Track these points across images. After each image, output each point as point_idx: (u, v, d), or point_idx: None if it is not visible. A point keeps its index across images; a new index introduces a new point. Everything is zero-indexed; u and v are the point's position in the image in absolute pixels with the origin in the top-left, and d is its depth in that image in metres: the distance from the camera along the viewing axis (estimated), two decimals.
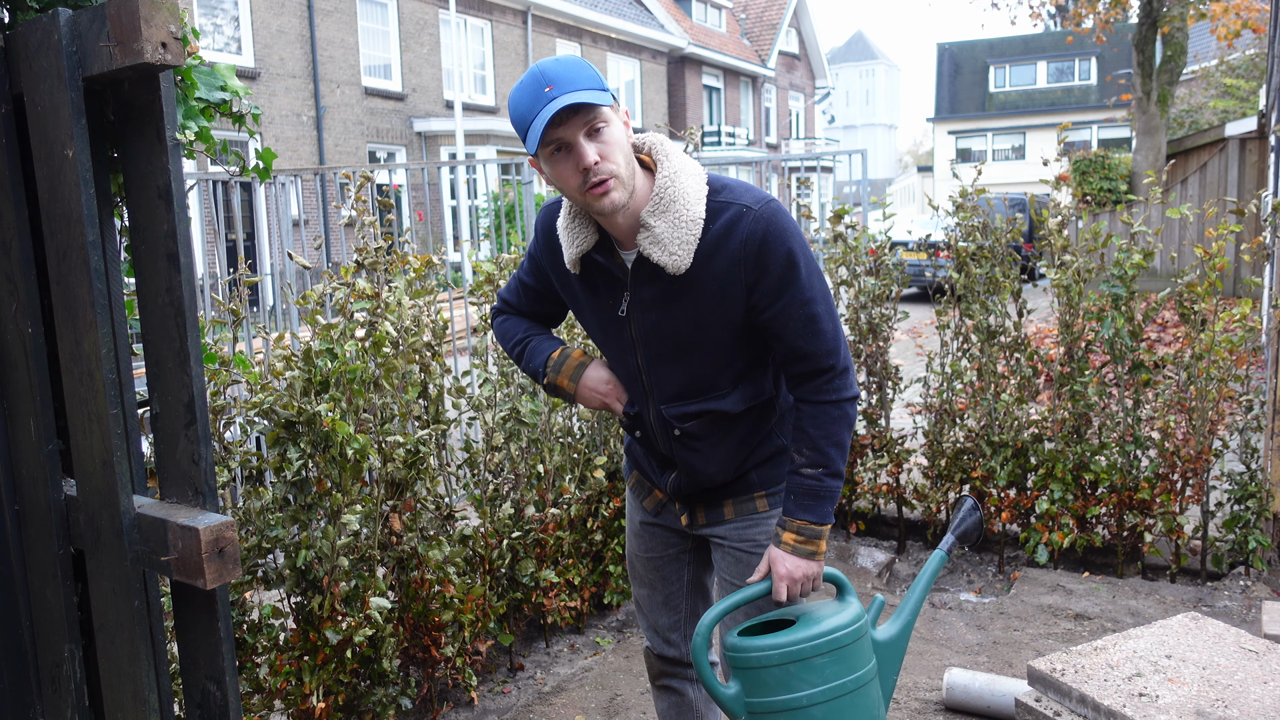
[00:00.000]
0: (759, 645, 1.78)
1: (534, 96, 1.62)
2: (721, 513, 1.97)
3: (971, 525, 2.08)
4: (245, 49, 15.63)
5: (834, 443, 1.80)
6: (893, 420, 4.73)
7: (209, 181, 5.28)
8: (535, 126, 1.62)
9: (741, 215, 1.70)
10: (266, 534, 2.49)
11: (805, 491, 1.81)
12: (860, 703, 1.79)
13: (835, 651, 1.77)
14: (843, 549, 4.41)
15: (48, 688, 1.70)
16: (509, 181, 6.64)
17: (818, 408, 1.80)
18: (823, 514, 1.82)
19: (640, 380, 1.88)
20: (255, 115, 2.36)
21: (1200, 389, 3.79)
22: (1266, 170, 10.65)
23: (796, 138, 35.05)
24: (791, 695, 1.76)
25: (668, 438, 1.90)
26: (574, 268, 1.83)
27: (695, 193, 1.72)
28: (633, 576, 2.18)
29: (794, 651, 1.76)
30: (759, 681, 1.78)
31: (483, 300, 3.42)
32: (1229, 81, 19.39)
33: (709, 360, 1.82)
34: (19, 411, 1.62)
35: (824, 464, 1.80)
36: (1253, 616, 3.52)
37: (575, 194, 1.69)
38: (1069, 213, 4.22)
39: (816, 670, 1.75)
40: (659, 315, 1.79)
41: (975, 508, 2.08)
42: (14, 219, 1.56)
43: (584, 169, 1.65)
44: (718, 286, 1.73)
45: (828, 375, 1.79)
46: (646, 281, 1.77)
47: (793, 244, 1.71)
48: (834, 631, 1.77)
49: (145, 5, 1.33)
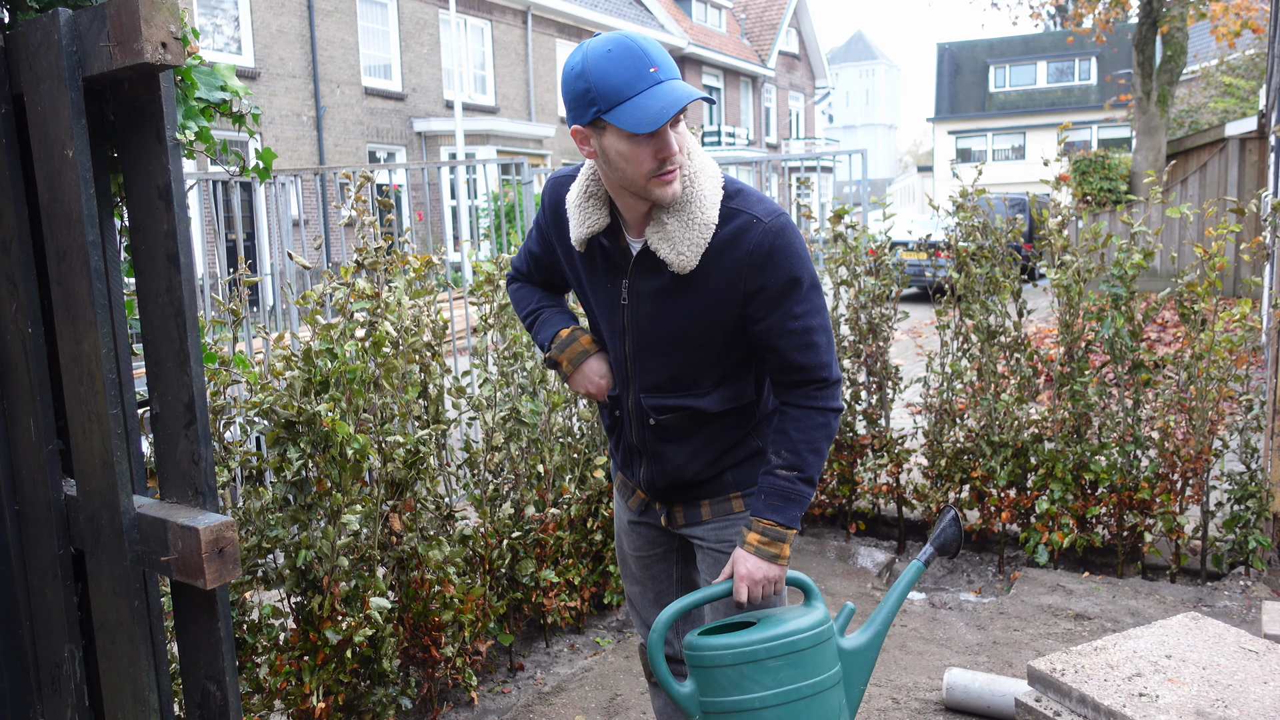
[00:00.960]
0: (713, 644, 1.79)
1: (636, 73, 1.59)
2: (699, 513, 1.98)
3: (950, 537, 2.08)
4: (245, 49, 15.63)
5: (812, 449, 1.81)
6: (893, 420, 4.73)
7: (209, 181, 5.28)
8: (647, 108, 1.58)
9: (751, 225, 1.71)
10: (266, 534, 2.49)
11: (776, 492, 1.81)
12: (816, 709, 1.78)
13: (791, 655, 1.76)
14: (843, 549, 4.41)
15: (48, 688, 1.70)
16: (509, 181, 6.64)
17: (803, 411, 1.81)
18: (790, 517, 1.82)
19: (625, 366, 1.90)
20: (255, 115, 2.36)
21: (1200, 389, 3.79)
22: (1266, 170, 10.66)
23: (796, 138, 35.05)
24: (743, 696, 1.76)
25: (642, 426, 1.91)
26: (580, 247, 1.84)
27: (712, 196, 1.73)
28: (625, 574, 2.19)
29: (747, 652, 1.76)
30: (712, 681, 1.79)
31: (482, 300, 3.42)
32: (1229, 81, 19.38)
33: (695, 359, 1.83)
34: (19, 411, 1.62)
35: (799, 468, 1.81)
36: (1253, 616, 3.52)
37: (640, 178, 1.67)
38: (1069, 213, 4.22)
39: (770, 672, 1.75)
40: (654, 308, 1.80)
41: (955, 520, 2.08)
42: (14, 219, 1.56)
43: (663, 157, 1.64)
44: (716, 290, 1.74)
45: (818, 385, 1.81)
46: (648, 273, 1.78)
47: (797, 261, 1.73)
48: (790, 635, 1.77)
49: (145, 5, 1.33)
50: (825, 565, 4.27)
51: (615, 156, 1.66)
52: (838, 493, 4.52)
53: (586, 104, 1.61)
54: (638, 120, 1.58)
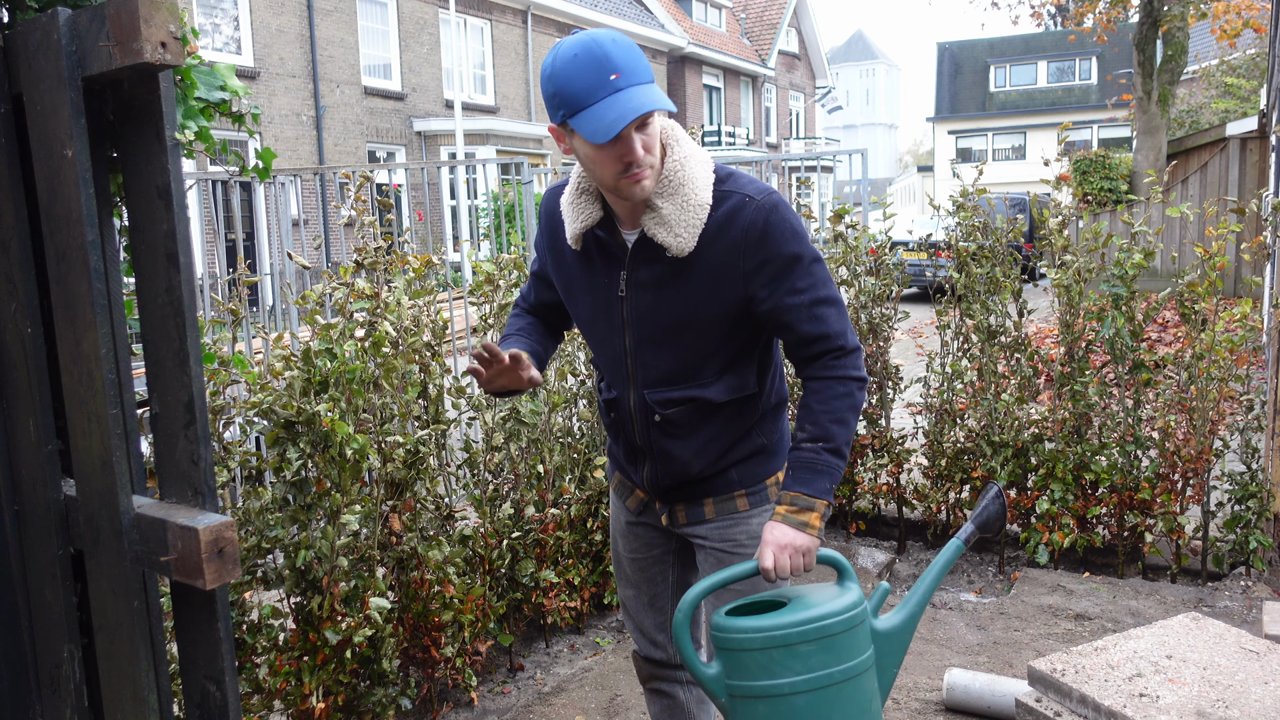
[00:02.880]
0: (742, 627, 1.70)
1: (596, 80, 1.60)
2: (702, 511, 1.96)
3: (994, 513, 1.97)
4: (245, 49, 15.62)
5: (836, 419, 1.78)
6: (893, 420, 4.73)
7: (209, 181, 5.28)
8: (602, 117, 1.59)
9: (744, 204, 1.73)
10: (266, 534, 2.49)
11: (803, 465, 1.79)
12: (850, 694, 1.70)
13: (823, 640, 1.68)
14: (843, 549, 4.41)
15: (47, 688, 1.70)
16: (509, 181, 6.64)
17: (823, 383, 1.80)
18: (818, 488, 1.77)
19: (625, 363, 1.89)
20: (255, 115, 2.36)
21: (1201, 389, 3.79)
22: (1267, 170, 10.65)
23: (796, 137, 35.05)
24: (773, 681, 1.68)
25: (646, 424, 1.90)
26: (575, 244, 1.84)
27: (703, 179, 1.75)
28: (619, 577, 2.17)
29: (778, 636, 1.68)
30: (740, 664, 1.71)
31: (482, 300, 3.42)
32: (1230, 80, 19.37)
33: (697, 346, 1.82)
34: (19, 411, 1.62)
35: (824, 438, 1.78)
36: (1253, 617, 3.51)
37: (609, 178, 1.69)
38: (1070, 212, 4.22)
39: (801, 658, 1.67)
40: (654, 297, 1.80)
41: (999, 495, 1.97)
42: (13, 219, 1.56)
43: (627, 161, 1.66)
44: (715, 273, 1.75)
45: (835, 353, 1.80)
46: (645, 262, 1.79)
47: (794, 236, 1.74)
48: (823, 619, 1.69)
49: (145, 5, 1.33)
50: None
51: (584, 158, 1.70)
52: (838, 493, 4.52)
53: (555, 107, 1.65)
54: (594, 129, 1.60)
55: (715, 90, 29.67)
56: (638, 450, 1.96)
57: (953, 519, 4.38)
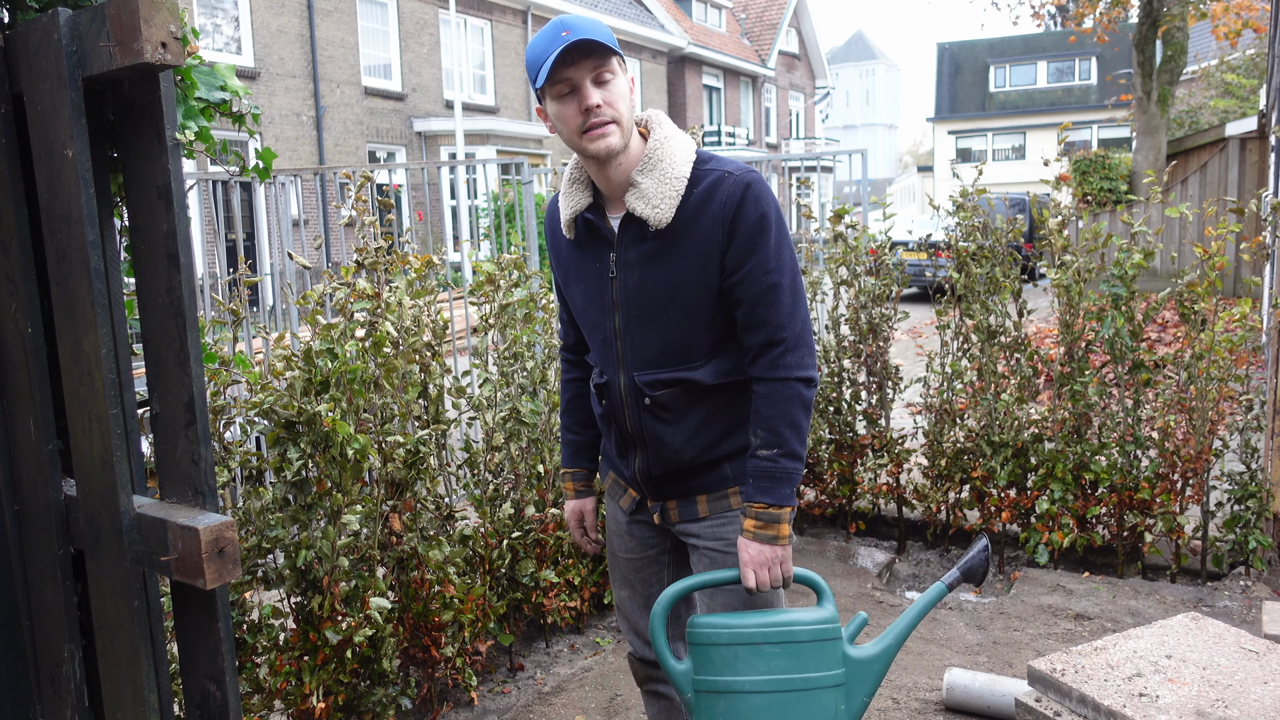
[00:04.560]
0: (712, 622, 1.79)
1: (550, 39, 1.72)
2: (695, 509, 1.96)
3: (978, 565, 2.06)
4: (245, 49, 15.62)
5: (788, 422, 1.80)
6: (893, 420, 4.73)
7: (209, 181, 5.28)
8: (547, 63, 1.70)
9: (723, 179, 1.79)
10: (266, 534, 2.49)
11: (761, 474, 1.81)
12: (809, 706, 1.76)
13: (788, 644, 1.75)
14: (843, 549, 4.41)
15: (47, 688, 1.70)
16: (509, 181, 6.64)
17: (769, 385, 1.81)
18: (780, 496, 1.80)
19: (615, 345, 1.91)
20: (255, 115, 2.36)
21: (1200, 389, 3.79)
22: (1267, 170, 10.65)
23: (796, 137, 35.05)
24: (735, 678, 1.76)
25: (637, 408, 1.91)
26: (568, 231, 1.92)
27: (683, 156, 1.83)
28: (615, 578, 2.18)
29: (744, 634, 1.76)
30: (707, 659, 1.79)
31: (483, 300, 3.42)
32: (1229, 79, 19.38)
33: (685, 324, 1.84)
34: (19, 411, 1.62)
35: (778, 444, 1.80)
36: (1253, 616, 3.52)
37: (574, 135, 1.78)
38: (1069, 213, 4.22)
39: (764, 657, 1.75)
40: (641, 274, 1.84)
41: (985, 549, 2.06)
42: (14, 219, 1.56)
43: (586, 109, 1.74)
44: (698, 248, 1.79)
45: (780, 348, 1.81)
46: (633, 241, 1.84)
47: (766, 210, 1.79)
48: (790, 625, 1.76)
49: (145, 5, 1.33)
50: (825, 565, 4.27)
51: (555, 121, 1.80)
52: (838, 493, 4.52)
53: (530, 80, 1.77)
54: (540, 77, 1.73)
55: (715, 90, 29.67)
56: (629, 439, 1.96)
57: (952, 519, 4.38)
